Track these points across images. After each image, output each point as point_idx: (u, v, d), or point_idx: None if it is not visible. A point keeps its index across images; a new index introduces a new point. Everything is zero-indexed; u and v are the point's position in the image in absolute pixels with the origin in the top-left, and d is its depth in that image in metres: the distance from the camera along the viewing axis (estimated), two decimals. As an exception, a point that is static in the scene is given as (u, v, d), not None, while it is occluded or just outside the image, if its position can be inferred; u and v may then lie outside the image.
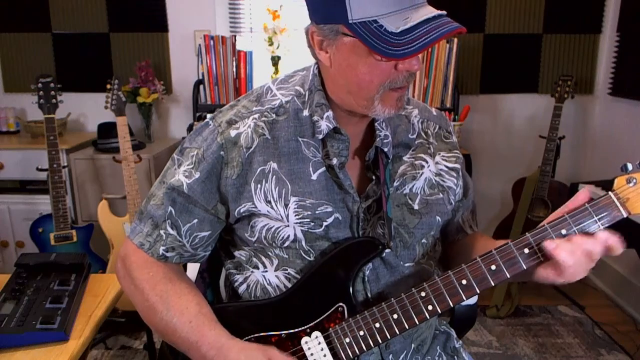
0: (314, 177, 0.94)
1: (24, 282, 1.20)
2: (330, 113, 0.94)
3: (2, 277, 1.25)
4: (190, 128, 2.73)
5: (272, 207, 0.93)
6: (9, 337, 1.02)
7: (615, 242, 0.83)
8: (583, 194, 0.88)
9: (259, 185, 0.93)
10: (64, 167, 2.55)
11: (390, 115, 0.91)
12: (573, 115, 3.13)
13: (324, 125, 0.94)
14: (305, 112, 0.96)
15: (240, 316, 0.95)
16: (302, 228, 0.93)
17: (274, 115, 0.96)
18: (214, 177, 0.94)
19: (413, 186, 1.00)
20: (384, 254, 0.96)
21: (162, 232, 0.96)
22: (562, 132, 2.76)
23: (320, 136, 0.94)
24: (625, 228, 0.87)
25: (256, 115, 0.96)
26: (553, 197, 2.71)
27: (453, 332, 1.16)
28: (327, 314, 0.93)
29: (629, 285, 2.83)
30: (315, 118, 0.95)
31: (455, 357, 1.11)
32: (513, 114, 3.18)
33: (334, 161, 0.94)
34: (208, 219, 0.97)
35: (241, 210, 0.94)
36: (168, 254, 0.97)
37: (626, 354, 2.39)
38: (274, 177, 0.93)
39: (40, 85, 2.36)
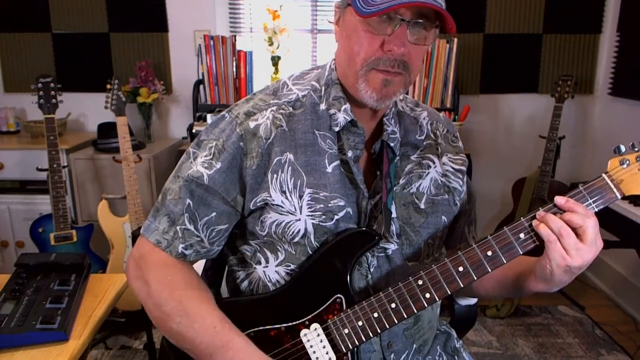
0: (329, 169, 0.94)
1: (24, 282, 1.20)
2: (347, 106, 0.95)
3: (2, 277, 1.25)
4: (190, 128, 2.73)
5: (286, 198, 0.92)
6: (9, 337, 1.02)
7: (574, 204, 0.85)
8: None
9: (274, 176, 0.93)
10: (64, 167, 2.55)
11: (373, 100, 0.90)
12: (573, 115, 3.13)
13: (342, 118, 0.95)
14: (322, 106, 0.97)
15: (240, 311, 0.95)
16: (314, 221, 0.93)
17: (290, 109, 0.96)
18: (235, 168, 0.93)
19: (420, 185, 1.00)
20: (390, 252, 0.96)
21: (179, 228, 0.94)
22: (562, 132, 2.76)
23: (337, 128, 0.95)
24: (625, 228, 0.88)
25: (274, 108, 0.96)
26: (553, 197, 2.70)
27: (453, 332, 1.16)
28: (325, 305, 0.93)
29: (629, 285, 2.83)
30: (333, 111, 0.96)
31: (456, 357, 1.11)
32: (513, 114, 3.18)
33: (349, 154, 0.94)
34: (226, 212, 0.96)
35: (257, 201, 0.93)
36: (187, 252, 0.95)
37: (626, 354, 2.39)
38: (290, 167, 0.93)
39: (40, 85, 2.36)
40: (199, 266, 1.12)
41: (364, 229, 0.95)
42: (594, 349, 2.44)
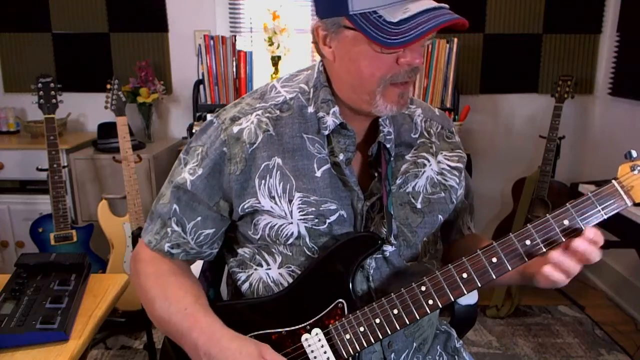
0: (318, 174, 0.94)
1: (24, 282, 1.20)
2: (336, 109, 0.94)
3: (2, 277, 1.25)
4: (190, 128, 2.73)
5: (275, 203, 0.92)
6: (9, 337, 1.02)
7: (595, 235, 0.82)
8: None
9: (263, 181, 0.93)
10: (64, 167, 2.54)
11: (393, 112, 0.90)
12: (573, 115, 3.13)
13: (330, 121, 0.94)
14: (310, 109, 0.96)
15: (240, 314, 0.95)
16: (306, 224, 0.93)
17: (277, 112, 0.96)
18: (216, 174, 0.94)
19: (415, 184, 1.00)
20: (387, 254, 0.96)
21: (168, 229, 0.98)
22: (562, 132, 2.76)
23: (326, 132, 0.94)
24: (625, 228, 0.87)
25: (259, 112, 0.96)
26: (553, 197, 2.71)
27: (454, 332, 1.16)
28: (326, 310, 0.92)
29: (629, 285, 2.83)
30: (321, 114, 0.95)
31: (456, 356, 1.11)
32: (513, 114, 3.18)
33: (341, 157, 0.94)
34: (211, 217, 0.97)
35: (245, 207, 0.94)
36: (173, 251, 0.99)
37: (626, 354, 2.39)
38: (279, 172, 0.93)
39: (40, 85, 2.36)
40: (197, 268, 1.12)
41: (366, 233, 0.95)
42: (594, 349, 2.44)
